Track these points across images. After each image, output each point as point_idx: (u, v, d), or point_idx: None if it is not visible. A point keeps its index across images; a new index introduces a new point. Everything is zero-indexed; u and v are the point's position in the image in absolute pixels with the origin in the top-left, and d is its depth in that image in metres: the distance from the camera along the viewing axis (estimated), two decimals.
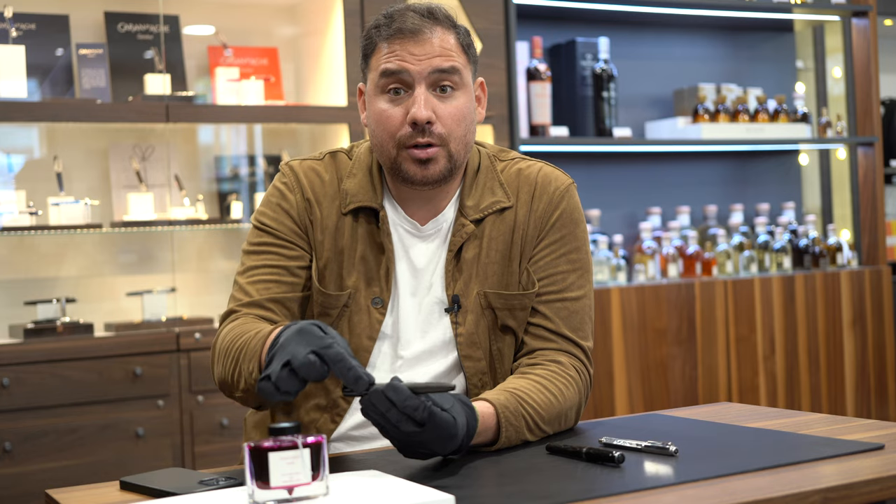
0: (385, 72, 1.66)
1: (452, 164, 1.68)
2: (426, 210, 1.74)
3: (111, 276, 3.42)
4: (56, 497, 1.40)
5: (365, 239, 1.73)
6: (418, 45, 1.65)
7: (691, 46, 4.38)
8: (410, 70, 1.64)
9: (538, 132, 3.78)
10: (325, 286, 1.71)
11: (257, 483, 1.21)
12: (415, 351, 1.71)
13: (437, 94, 1.66)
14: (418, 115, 1.63)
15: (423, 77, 1.65)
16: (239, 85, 3.44)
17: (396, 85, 1.66)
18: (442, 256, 1.73)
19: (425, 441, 1.38)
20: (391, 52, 1.65)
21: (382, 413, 1.37)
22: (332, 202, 1.74)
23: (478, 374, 1.71)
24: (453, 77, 1.67)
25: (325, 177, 1.76)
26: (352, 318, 1.71)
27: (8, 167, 3.31)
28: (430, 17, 1.67)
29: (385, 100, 1.67)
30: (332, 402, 1.71)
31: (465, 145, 1.70)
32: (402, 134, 1.65)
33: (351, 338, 1.70)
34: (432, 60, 1.65)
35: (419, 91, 1.65)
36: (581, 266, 1.75)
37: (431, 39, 1.66)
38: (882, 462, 1.38)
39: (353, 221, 1.73)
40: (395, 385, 1.37)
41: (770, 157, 4.51)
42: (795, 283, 4.03)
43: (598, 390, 3.63)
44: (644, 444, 1.47)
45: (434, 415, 1.36)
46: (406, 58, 1.65)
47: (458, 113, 1.67)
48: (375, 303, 1.71)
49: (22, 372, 2.97)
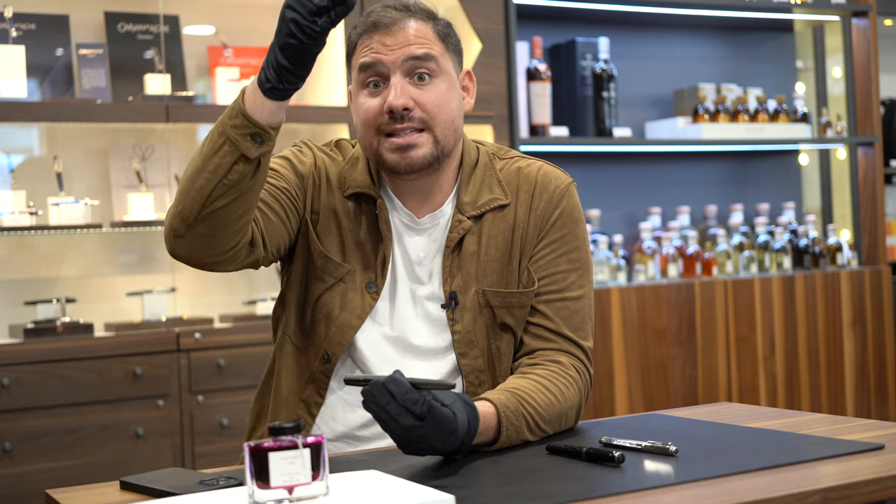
0: (362, 66, 1.68)
1: (439, 151, 1.69)
2: (424, 205, 1.75)
3: (111, 276, 3.42)
4: (56, 497, 1.40)
5: (364, 224, 1.74)
6: (391, 35, 1.67)
7: (691, 46, 4.38)
8: (384, 60, 1.66)
9: (538, 132, 3.78)
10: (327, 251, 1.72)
11: (257, 483, 1.21)
12: (409, 346, 1.72)
13: (415, 83, 1.68)
14: (393, 103, 1.65)
15: (396, 66, 1.66)
16: (239, 85, 3.44)
17: (375, 78, 1.68)
18: (439, 251, 1.73)
19: (425, 436, 1.38)
20: (366, 47, 1.68)
21: (382, 406, 1.37)
22: (337, 182, 1.76)
23: (474, 371, 1.71)
24: (429, 64, 1.68)
25: (335, 158, 1.79)
26: (346, 294, 1.71)
27: (8, 167, 3.31)
28: (404, 9, 1.70)
29: (365, 94, 1.69)
30: (311, 376, 1.72)
31: (453, 131, 1.71)
32: (380, 122, 1.67)
33: (341, 312, 1.71)
34: (405, 49, 1.67)
35: (395, 80, 1.66)
36: (581, 265, 1.75)
37: (405, 29, 1.68)
38: (882, 462, 1.38)
39: (355, 206, 1.75)
40: (395, 378, 1.37)
41: (770, 157, 4.51)
42: (795, 283, 4.03)
43: (598, 390, 3.63)
44: (644, 444, 1.47)
45: (433, 409, 1.37)
46: (380, 49, 1.67)
47: (439, 98, 1.68)
48: (370, 287, 1.72)
49: (22, 372, 2.97)
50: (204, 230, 1.53)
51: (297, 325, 1.75)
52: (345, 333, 1.70)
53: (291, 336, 1.75)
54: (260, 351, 3.23)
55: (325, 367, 1.72)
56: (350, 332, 1.70)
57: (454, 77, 1.72)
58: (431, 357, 1.72)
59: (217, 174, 1.50)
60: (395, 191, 1.75)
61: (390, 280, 1.73)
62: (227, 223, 1.53)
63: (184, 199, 1.53)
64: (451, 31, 1.74)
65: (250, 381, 3.19)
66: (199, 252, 1.57)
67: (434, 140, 1.68)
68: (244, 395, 3.18)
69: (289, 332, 1.76)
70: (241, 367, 3.21)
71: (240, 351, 3.23)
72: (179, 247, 1.57)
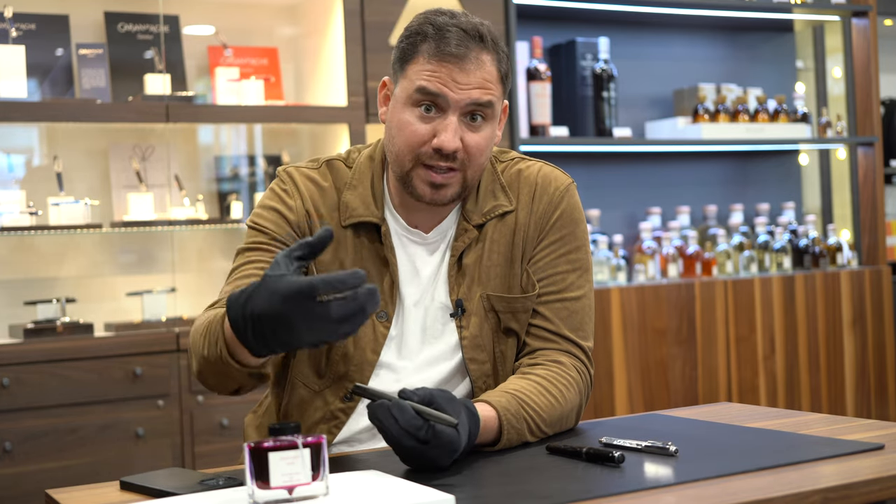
0: (422, 89, 1.62)
1: (464, 189, 1.67)
2: (428, 218, 1.73)
3: (111, 276, 3.42)
4: (56, 497, 1.40)
5: (368, 253, 1.71)
6: (462, 72, 1.62)
7: (691, 46, 4.38)
8: (449, 97, 1.62)
9: (538, 132, 3.78)
10: None
11: (257, 483, 1.21)
12: (420, 358, 1.71)
13: (467, 122, 1.64)
14: (447, 145, 1.61)
15: (459, 106, 1.62)
16: (239, 85, 3.44)
17: (430, 103, 1.63)
18: (445, 262, 1.73)
19: (428, 456, 1.38)
20: (433, 73, 1.62)
21: (386, 427, 1.37)
22: (331, 213, 1.71)
23: (482, 376, 1.71)
24: (486, 110, 1.64)
25: (323, 185, 1.73)
26: (356, 331, 1.70)
27: (8, 167, 3.31)
28: (478, 39, 1.63)
29: (414, 113, 1.64)
30: (329, 414, 1.70)
31: (481, 172, 1.69)
32: (423, 152, 1.63)
33: (355, 350, 1.68)
34: (471, 92, 1.62)
35: (451, 119, 1.62)
36: (581, 266, 1.75)
37: (477, 70, 1.62)
38: (882, 462, 1.38)
39: (354, 235, 1.71)
40: (400, 404, 1.37)
41: (770, 157, 4.51)
42: (795, 283, 4.03)
43: (598, 390, 3.63)
44: (644, 444, 1.47)
45: (438, 434, 1.37)
46: (447, 83, 1.61)
47: (484, 142, 1.66)
48: (380, 317, 1.70)
49: (22, 372, 2.97)
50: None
51: (310, 369, 1.72)
52: (364, 370, 1.68)
53: (305, 381, 1.72)
54: None
55: (346, 407, 1.70)
56: (369, 368, 1.68)
57: (498, 117, 1.70)
58: (439, 363, 1.71)
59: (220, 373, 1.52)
60: (401, 206, 1.73)
61: (400, 303, 1.71)
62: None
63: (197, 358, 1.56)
64: (509, 67, 1.70)
65: None
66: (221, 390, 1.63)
67: (463, 180, 1.66)
68: (244, 395, 3.18)
69: (303, 378, 1.72)
70: None
71: None
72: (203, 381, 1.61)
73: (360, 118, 3.43)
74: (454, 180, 1.65)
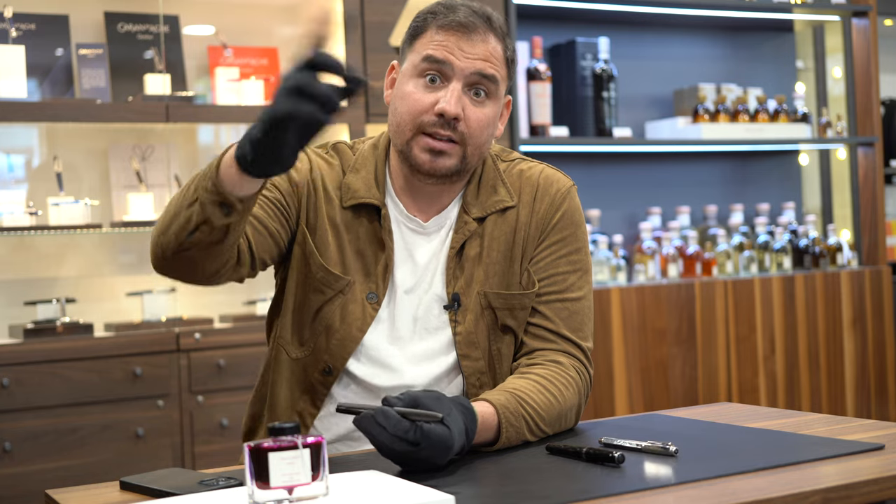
0: (429, 57, 1.66)
1: (463, 166, 1.69)
2: (429, 207, 1.74)
3: (111, 276, 3.42)
4: (56, 497, 1.40)
5: (365, 235, 1.73)
6: (469, 42, 1.66)
7: (691, 46, 4.38)
8: (454, 64, 1.65)
9: (538, 132, 3.78)
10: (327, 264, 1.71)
11: (257, 483, 1.21)
12: (412, 349, 1.71)
13: (470, 97, 1.67)
14: (448, 109, 1.64)
15: (463, 75, 1.65)
16: (239, 85, 3.44)
17: (435, 73, 1.66)
18: (443, 253, 1.73)
19: (422, 457, 1.38)
20: (440, 42, 1.66)
21: (374, 436, 1.38)
22: (335, 191, 1.74)
23: (476, 373, 1.71)
24: (490, 85, 1.67)
25: (332, 162, 1.77)
26: (346, 306, 1.70)
27: (8, 167, 3.31)
28: (486, 21, 1.68)
29: (419, 84, 1.67)
30: (309, 386, 1.72)
31: (480, 154, 1.71)
32: (425, 120, 1.65)
33: (341, 325, 1.70)
34: (476, 62, 1.65)
35: (455, 86, 1.65)
36: (581, 267, 1.76)
37: (484, 43, 1.66)
38: (882, 462, 1.38)
39: (354, 216, 1.73)
40: (385, 411, 1.37)
41: (770, 157, 4.51)
42: (795, 283, 4.03)
43: (598, 390, 3.63)
44: (644, 444, 1.47)
45: (428, 433, 1.36)
46: (454, 51, 1.65)
47: (485, 119, 1.68)
48: (370, 298, 1.71)
49: (22, 372, 2.97)
50: (182, 263, 1.55)
51: (293, 335, 1.74)
52: (346, 347, 1.70)
53: (287, 346, 1.74)
54: (260, 351, 3.22)
55: (325, 380, 1.71)
56: (352, 344, 1.70)
57: (501, 103, 1.73)
58: (432, 359, 1.72)
59: (186, 229, 1.49)
60: (403, 193, 1.74)
61: (392, 288, 1.72)
62: (205, 262, 1.54)
63: (164, 233, 1.53)
64: (515, 57, 1.74)
65: (250, 381, 3.19)
66: (181, 276, 1.60)
67: (462, 156, 1.67)
68: (244, 396, 3.18)
69: (284, 342, 1.74)
70: (241, 367, 3.21)
71: (240, 351, 3.23)
72: (162, 269, 1.60)
73: (360, 118, 3.43)
74: (454, 151, 1.67)
